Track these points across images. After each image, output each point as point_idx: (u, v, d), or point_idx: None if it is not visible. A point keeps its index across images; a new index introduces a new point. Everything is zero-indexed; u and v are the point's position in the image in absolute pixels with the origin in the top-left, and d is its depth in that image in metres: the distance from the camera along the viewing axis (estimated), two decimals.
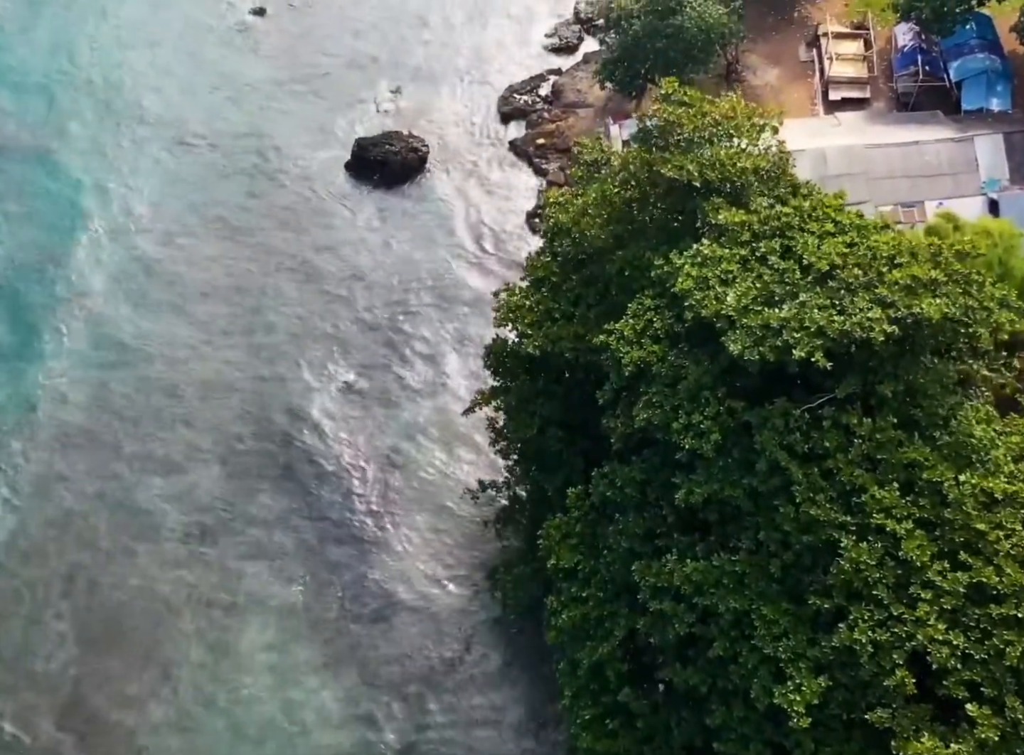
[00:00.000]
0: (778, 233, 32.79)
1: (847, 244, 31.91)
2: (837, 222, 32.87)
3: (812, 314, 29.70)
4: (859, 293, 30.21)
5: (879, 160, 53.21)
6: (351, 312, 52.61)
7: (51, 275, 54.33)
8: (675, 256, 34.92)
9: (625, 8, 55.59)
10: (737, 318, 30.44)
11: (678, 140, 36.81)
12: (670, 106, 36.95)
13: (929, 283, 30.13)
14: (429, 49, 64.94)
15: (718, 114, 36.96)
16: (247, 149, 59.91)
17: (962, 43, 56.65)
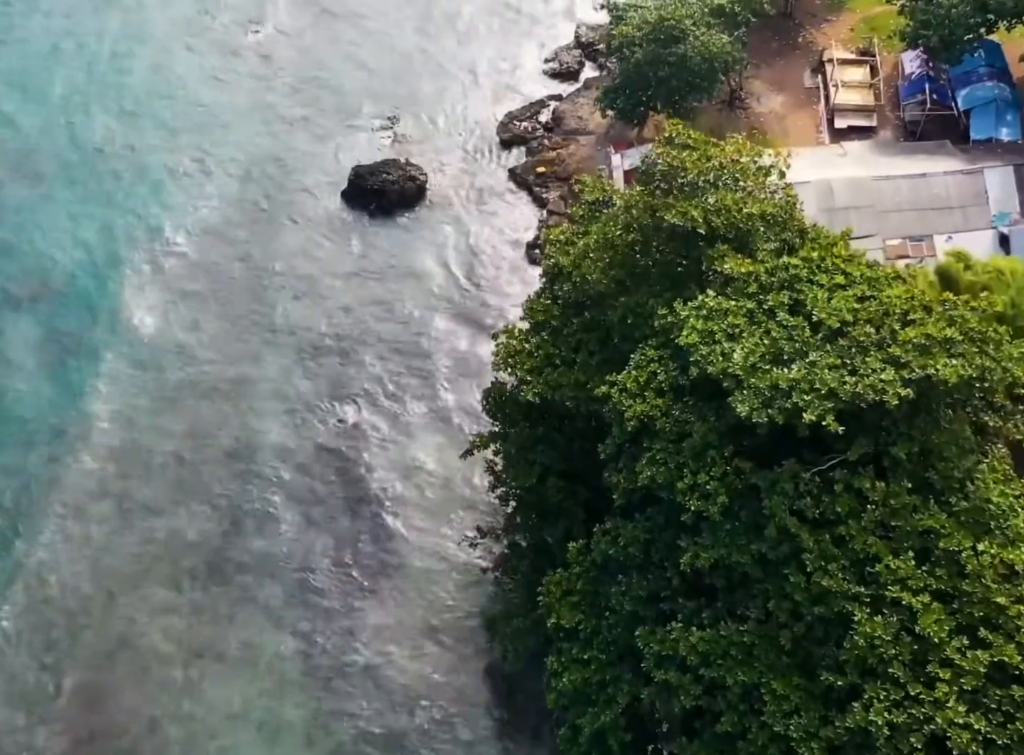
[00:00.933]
0: (786, 285, 31.51)
1: (858, 298, 30.59)
2: (847, 274, 31.55)
3: (823, 375, 28.37)
4: (871, 352, 28.88)
5: (887, 192, 51.92)
6: (343, 348, 51.12)
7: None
8: (679, 306, 33.61)
9: (627, 36, 54.25)
10: (744, 377, 29.11)
11: (682, 184, 35.60)
12: (674, 149, 35.69)
13: (944, 342, 28.83)
14: (427, 74, 63.54)
15: (723, 158, 35.74)
16: (238, 176, 58.55)
17: (971, 71, 55.33)
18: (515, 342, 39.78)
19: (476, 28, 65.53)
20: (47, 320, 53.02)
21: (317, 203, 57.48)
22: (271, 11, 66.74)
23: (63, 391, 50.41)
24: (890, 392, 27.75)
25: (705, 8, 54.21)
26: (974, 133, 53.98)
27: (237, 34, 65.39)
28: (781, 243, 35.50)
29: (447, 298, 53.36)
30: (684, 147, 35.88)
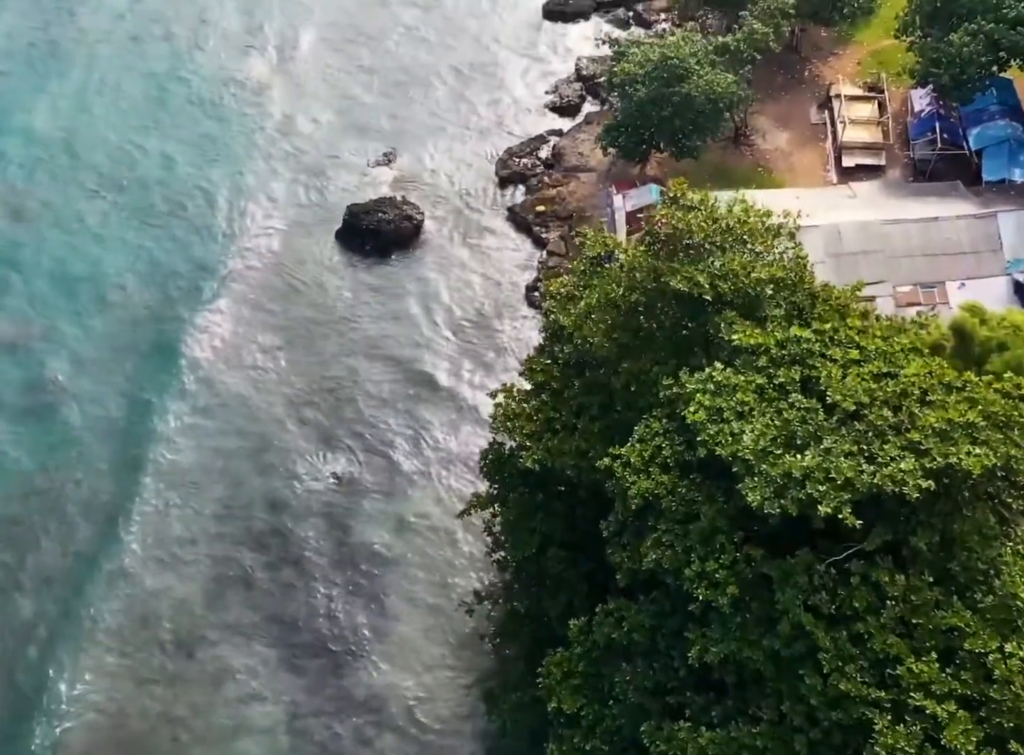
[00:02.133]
0: (797, 360, 29.81)
1: (874, 375, 28.92)
2: (862, 348, 29.85)
3: (839, 463, 26.63)
4: (889, 437, 27.14)
5: (897, 237, 50.16)
6: (337, 399, 49.32)
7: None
8: (685, 376, 31.89)
9: (630, 74, 52.62)
10: (755, 463, 27.45)
11: (687, 246, 33.97)
12: (678, 211, 34.03)
13: (966, 427, 27.16)
14: (425, 108, 61.79)
15: (730, 219, 34.09)
16: (225, 215, 56.67)
17: (982, 109, 53.55)
18: (514, 404, 38.13)
19: (475, 61, 63.77)
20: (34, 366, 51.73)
21: (311, 243, 55.72)
22: (264, 44, 65.13)
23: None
24: (910, 483, 26.03)
25: (709, 46, 52.68)
26: (986, 174, 52.27)
27: (229, 67, 63.70)
28: (791, 306, 33.90)
29: (444, 344, 51.47)
30: (689, 208, 34.22)
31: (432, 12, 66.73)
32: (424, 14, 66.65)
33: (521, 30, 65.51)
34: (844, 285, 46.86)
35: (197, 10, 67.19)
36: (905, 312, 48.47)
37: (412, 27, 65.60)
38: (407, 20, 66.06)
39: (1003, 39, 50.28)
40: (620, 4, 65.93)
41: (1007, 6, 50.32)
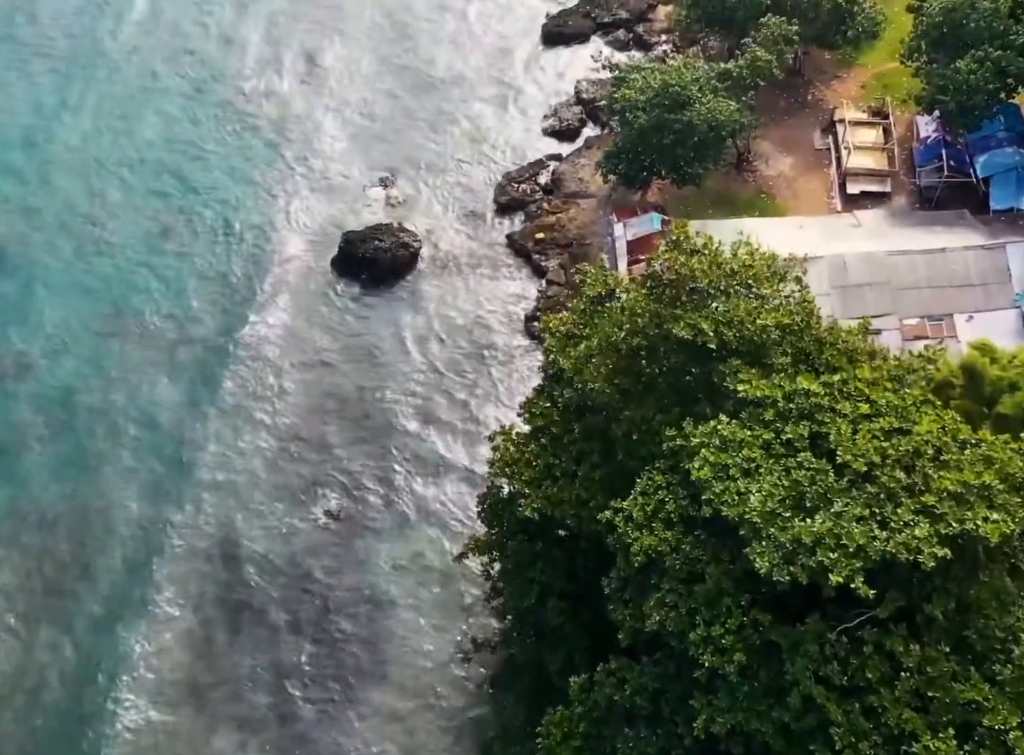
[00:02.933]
0: (806, 414, 28.70)
1: (885, 432, 27.78)
2: (872, 401, 28.72)
3: (850, 528, 25.45)
4: (903, 500, 26.01)
5: (903, 268, 48.97)
6: (330, 435, 48.11)
7: None
8: (689, 427, 30.76)
9: (630, 100, 51.49)
10: (763, 526, 26.31)
11: (691, 291, 32.84)
12: (681, 255, 32.87)
13: (982, 490, 26.03)
14: (422, 132, 60.36)
15: (735, 263, 32.95)
16: (221, 241, 55.34)
17: (989, 136, 52.25)
18: (513, 448, 36.99)
19: (473, 83, 62.44)
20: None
21: (305, 272, 54.42)
22: (256, 67, 63.57)
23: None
24: (925, 552, 24.89)
25: (711, 73, 51.52)
26: (994, 203, 51.05)
27: (221, 91, 62.20)
28: (797, 351, 32.75)
29: (441, 378, 50.18)
30: (692, 252, 33.08)
31: (428, 35, 65.41)
32: (420, 36, 65.35)
33: (520, 52, 64.07)
34: (850, 321, 47.87)
35: (211, 30, 65.81)
36: (912, 345, 47.44)
37: (409, 50, 64.31)
38: (403, 43, 64.90)
39: (1011, 66, 49.17)
40: (620, 26, 64.58)
41: (1014, 33, 49.16)
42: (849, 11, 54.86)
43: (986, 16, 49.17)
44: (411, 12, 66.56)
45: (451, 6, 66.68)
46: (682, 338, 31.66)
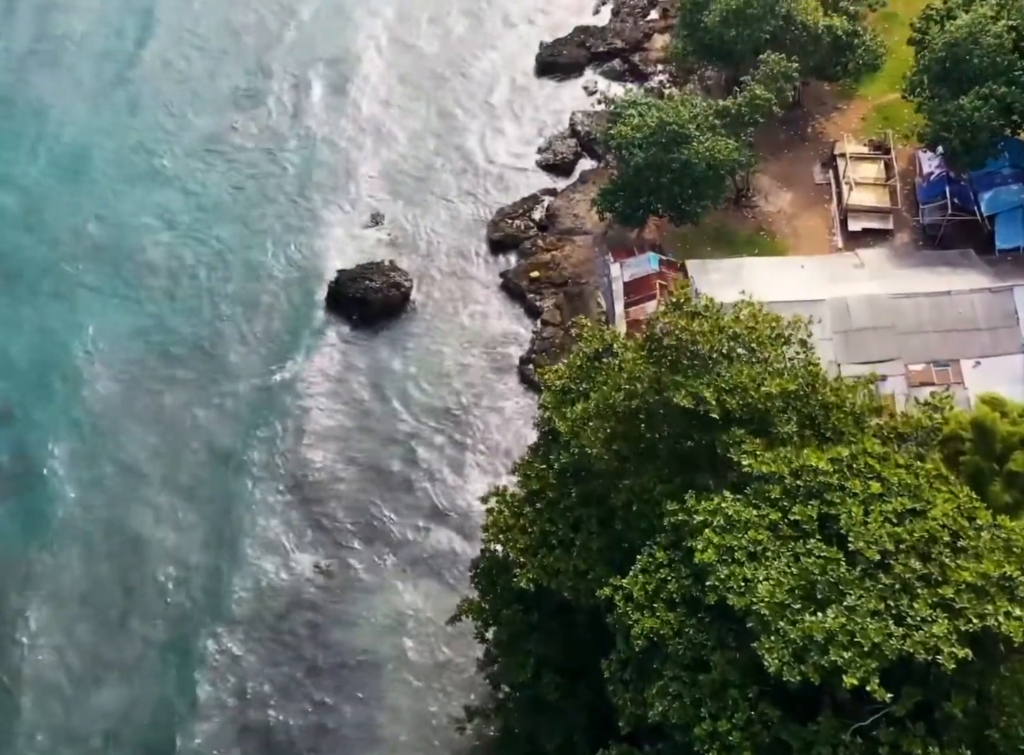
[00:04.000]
0: (814, 493, 27.29)
1: (898, 514, 26.35)
2: (883, 479, 27.30)
3: (865, 625, 24.02)
4: (919, 592, 24.61)
5: (907, 312, 47.48)
6: (321, 484, 46.58)
7: None
8: (692, 500, 29.36)
9: (627, 137, 50.11)
10: (772, 619, 24.88)
11: (692, 356, 31.40)
12: (681, 319, 31.40)
13: (1002, 581, 24.59)
14: (413, 167, 58.88)
15: (737, 327, 31.50)
16: (205, 284, 53.63)
17: (994, 172, 50.78)
18: (507, 511, 35.51)
19: (466, 115, 61.05)
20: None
21: (294, 314, 52.87)
22: (243, 100, 61.89)
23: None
24: (944, 651, 23.49)
25: (709, 110, 50.12)
26: (1000, 241, 49.62)
27: (208, 125, 60.66)
28: (803, 417, 31.36)
29: (432, 427, 48.61)
30: (693, 315, 31.64)
31: (420, 63, 64.03)
32: (413, 64, 63.99)
33: (513, 82, 62.60)
34: (854, 366, 46.48)
35: (195, 62, 64.23)
36: (918, 392, 46.09)
37: (399, 82, 63.00)
38: (394, 75, 63.42)
39: (1016, 102, 47.89)
40: (615, 55, 63.13)
41: (1019, 68, 47.88)
42: (849, 44, 53.56)
43: (990, 51, 47.87)
44: (400, 42, 65.37)
45: (441, 35, 65.56)
46: (683, 407, 30.30)
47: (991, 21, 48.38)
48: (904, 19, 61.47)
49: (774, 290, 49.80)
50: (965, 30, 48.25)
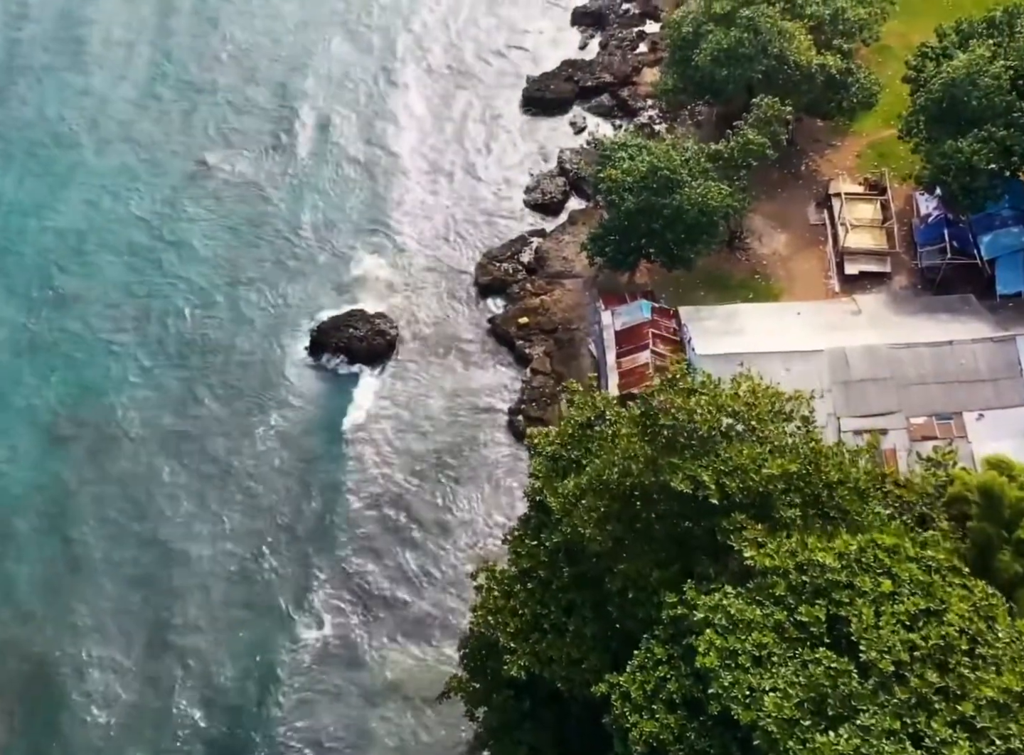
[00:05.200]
0: (821, 591, 25.74)
1: (911, 616, 24.81)
2: (894, 576, 25.74)
3: (880, 748, 22.44)
4: (937, 709, 23.07)
5: (908, 362, 45.96)
6: (302, 548, 44.85)
7: None
8: (691, 592, 27.75)
9: (617, 180, 48.59)
10: (781, 737, 23.29)
11: (689, 434, 29.86)
12: (678, 397, 29.86)
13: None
14: (398, 207, 57.19)
15: (736, 404, 29.96)
16: (184, 336, 51.77)
17: (993, 214, 49.26)
18: (497, 591, 33.83)
19: (452, 152, 59.42)
20: None
21: (274, 363, 51.06)
22: (219, 139, 60.09)
23: None
24: None
25: (701, 154, 48.62)
26: (1001, 287, 48.19)
27: (184, 166, 58.79)
28: (806, 499, 29.81)
29: (419, 479, 46.94)
30: (690, 392, 30.10)
31: (403, 99, 62.42)
32: (394, 102, 62.51)
33: (500, 118, 61.07)
34: (854, 419, 45.03)
35: (164, 98, 62.46)
36: (920, 446, 44.69)
37: (383, 117, 61.34)
38: (376, 110, 61.66)
39: (1016, 145, 46.55)
40: (603, 90, 61.51)
41: (1018, 109, 46.54)
42: (843, 82, 52.12)
43: (988, 92, 46.53)
44: (384, 76, 63.71)
45: (425, 69, 63.85)
46: (681, 491, 28.74)
47: (988, 62, 47.14)
48: (897, 52, 60.42)
49: (770, 339, 48.73)
50: (962, 71, 46.93)
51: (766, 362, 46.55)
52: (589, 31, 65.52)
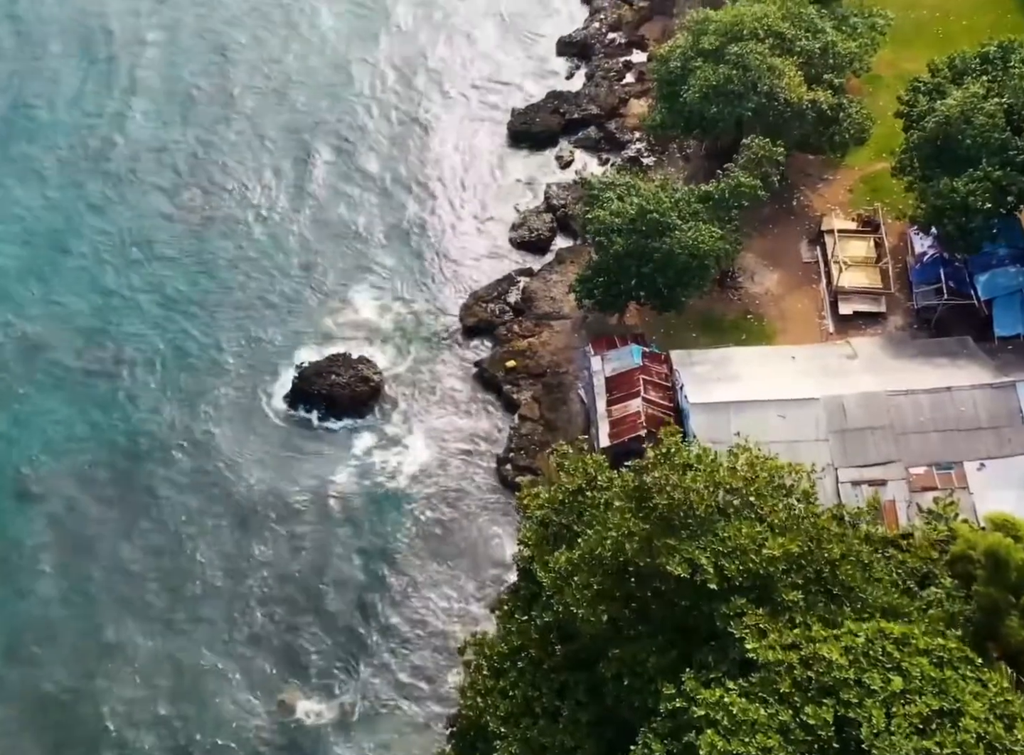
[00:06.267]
0: (828, 689, 24.41)
1: (924, 718, 23.40)
2: (904, 673, 24.40)
3: None
4: None
5: (906, 410, 44.56)
6: (279, 613, 43.13)
7: None
8: (690, 682, 26.39)
9: (605, 222, 47.30)
10: None
11: (686, 513, 28.47)
12: (674, 473, 28.49)
13: None
14: (380, 245, 55.60)
15: (735, 482, 28.61)
16: (153, 384, 49.97)
17: (990, 253, 48.05)
18: (486, 668, 32.41)
19: (435, 189, 57.84)
20: None
21: (252, 413, 49.24)
22: (191, 177, 58.28)
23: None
24: None
25: (691, 195, 47.37)
26: (998, 329, 46.89)
27: (157, 205, 57.02)
28: (808, 578, 28.48)
29: (404, 534, 45.34)
30: (685, 467, 28.75)
31: (386, 131, 60.82)
32: (379, 132, 60.66)
33: (484, 152, 59.59)
34: (852, 470, 43.72)
35: (135, 136, 60.74)
36: (920, 498, 43.43)
37: (364, 153, 59.74)
38: (358, 147, 60.05)
39: (1012, 184, 45.37)
40: (590, 122, 60.12)
41: (1014, 148, 45.39)
42: (835, 117, 50.94)
43: (983, 131, 45.38)
44: (365, 106, 62.29)
45: (408, 101, 62.44)
46: (678, 576, 27.38)
47: (983, 99, 45.99)
48: (888, 81, 59.27)
49: (764, 385, 47.43)
50: (957, 109, 45.76)
51: (761, 410, 45.45)
52: (575, 61, 64.17)
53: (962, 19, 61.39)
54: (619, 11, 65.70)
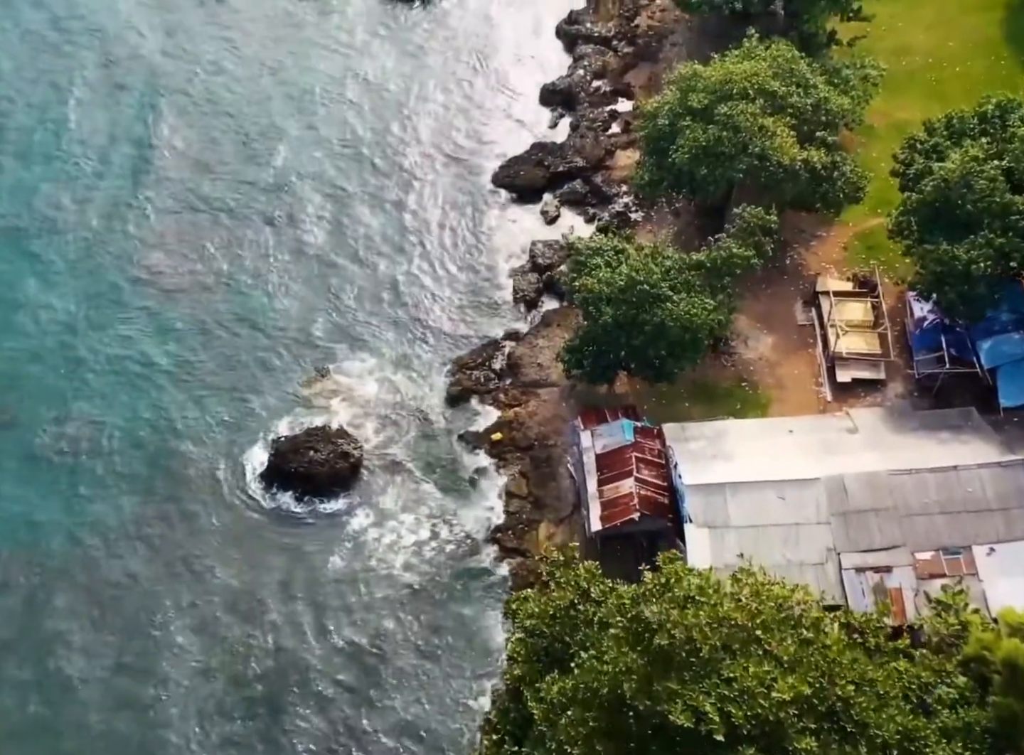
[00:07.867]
0: None
1: None
2: None
3: None
4: None
5: (910, 491, 42.29)
6: (258, 706, 40.81)
7: None
8: None
9: (594, 291, 45.04)
10: None
11: (688, 652, 26.28)
12: (674, 609, 26.23)
13: None
14: (362, 309, 53.25)
15: (740, 617, 26.41)
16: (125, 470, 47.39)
17: (992, 318, 46.15)
18: None
19: (418, 251, 55.45)
20: None
21: (224, 491, 46.70)
22: (157, 242, 55.57)
23: None
24: None
25: (683, 263, 45.22)
26: (1004, 399, 44.77)
27: (123, 271, 54.41)
28: (821, 721, 26.27)
29: (387, 624, 42.96)
30: (687, 600, 26.53)
31: (367, 185, 58.48)
32: (359, 186, 58.39)
33: (468, 209, 57.16)
34: (855, 555, 41.48)
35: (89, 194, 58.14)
36: (928, 585, 41.09)
37: (343, 212, 57.27)
38: (338, 207, 57.38)
39: (1015, 251, 43.41)
40: (576, 175, 57.78)
41: (1016, 212, 43.42)
42: (828, 176, 48.97)
43: (984, 196, 43.43)
44: (345, 160, 59.88)
45: (388, 153, 60.10)
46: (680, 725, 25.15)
47: (983, 162, 44.07)
48: (881, 132, 57.28)
49: (762, 463, 45.08)
50: (956, 173, 43.82)
51: (759, 492, 43.15)
52: (559, 110, 61.88)
53: (955, 65, 59.62)
54: (603, 58, 63.56)
